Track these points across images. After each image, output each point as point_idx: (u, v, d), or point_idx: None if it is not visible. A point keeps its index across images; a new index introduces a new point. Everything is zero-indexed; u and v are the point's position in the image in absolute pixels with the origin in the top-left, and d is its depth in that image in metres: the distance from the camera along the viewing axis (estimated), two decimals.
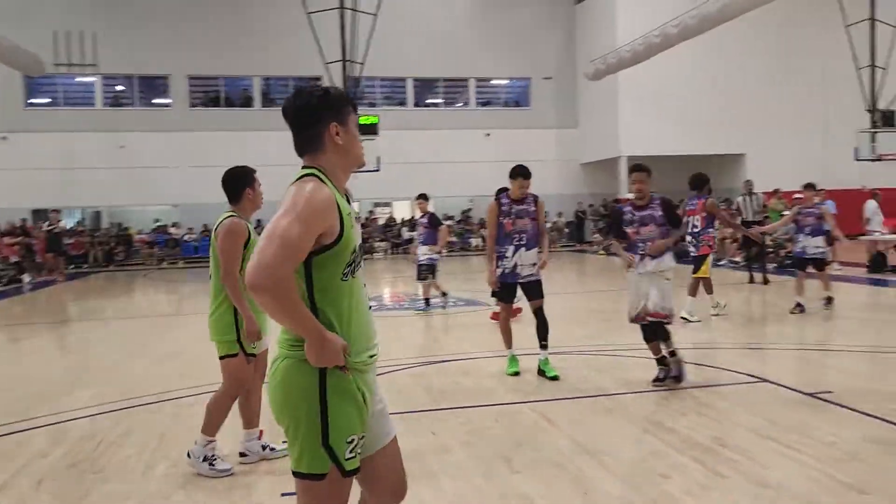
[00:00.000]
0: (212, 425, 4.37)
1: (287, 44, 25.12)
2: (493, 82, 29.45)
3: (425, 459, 4.48)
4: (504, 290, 6.62)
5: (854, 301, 11.23)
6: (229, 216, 4.31)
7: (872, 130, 22.58)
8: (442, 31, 27.16)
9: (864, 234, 14.94)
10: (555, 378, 6.35)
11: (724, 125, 24.90)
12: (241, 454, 4.60)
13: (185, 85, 26.80)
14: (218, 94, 27.74)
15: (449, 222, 22.32)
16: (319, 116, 2.35)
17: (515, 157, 27.04)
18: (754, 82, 25.25)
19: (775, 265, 15.52)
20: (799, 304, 9.67)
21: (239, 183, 4.36)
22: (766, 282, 13.21)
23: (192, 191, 24.77)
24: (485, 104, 29.09)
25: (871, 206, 14.79)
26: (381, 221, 27.79)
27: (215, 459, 4.37)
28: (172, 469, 4.55)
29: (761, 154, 24.96)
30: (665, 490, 3.95)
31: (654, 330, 6.03)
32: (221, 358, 4.39)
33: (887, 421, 4.99)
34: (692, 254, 9.64)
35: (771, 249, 15.90)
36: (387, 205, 29.45)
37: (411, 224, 24.13)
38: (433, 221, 11.13)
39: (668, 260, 6.08)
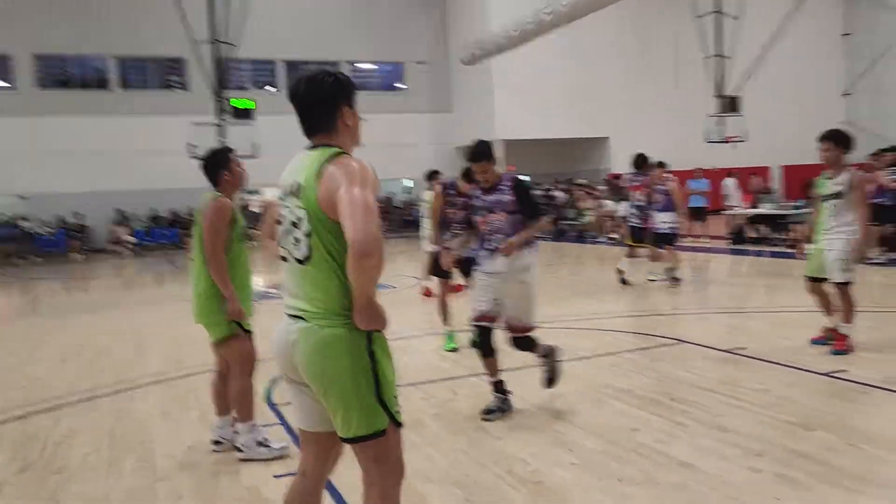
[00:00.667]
0: (246, 411, 4.26)
1: (147, 21, 23.71)
2: (366, 66, 29.30)
3: (404, 433, 4.56)
4: (458, 265, 6.45)
5: (726, 269, 12.34)
6: (217, 196, 4.24)
7: (720, 115, 24.55)
8: (312, 13, 26.68)
9: (724, 210, 16.34)
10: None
11: (589, 110, 26.22)
12: (215, 442, 4.47)
13: (30, 64, 24.62)
14: (68, 76, 25.71)
15: None
16: (334, 100, 2.48)
17: (390, 141, 27.32)
18: (615, 70, 26.73)
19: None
20: (674, 278, 10.27)
21: (214, 166, 4.30)
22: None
23: (42, 181, 22.89)
24: (358, 88, 28.88)
25: (729, 183, 16.18)
26: (256, 209, 26.99)
27: (268, 440, 4.30)
28: (142, 464, 4.36)
29: (623, 137, 26.50)
30: (639, 441, 4.28)
31: (519, 343, 4.96)
32: (220, 341, 4.27)
33: (800, 369, 5.63)
34: (638, 226, 10.49)
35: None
36: (256, 192, 28.61)
37: None
38: None
39: (527, 257, 4.82)
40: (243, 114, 21.66)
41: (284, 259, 2.51)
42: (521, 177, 5.35)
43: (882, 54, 26.68)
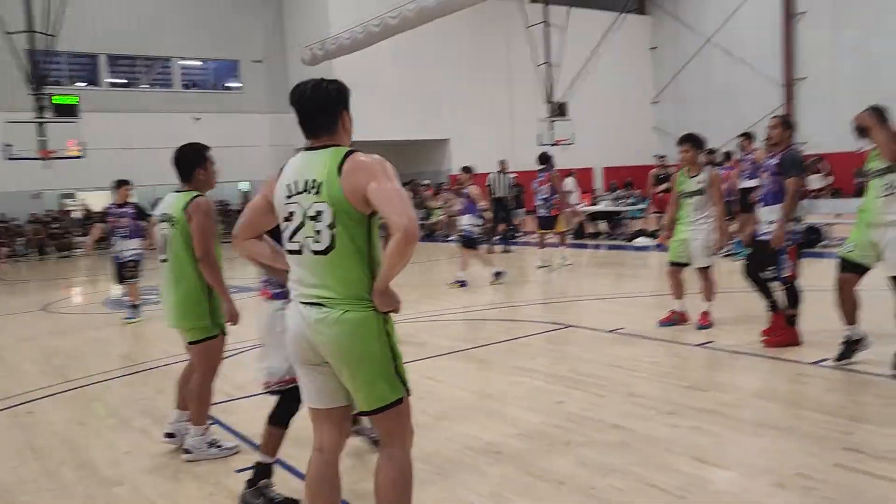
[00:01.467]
0: (202, 414, 4.23)
1: None
2: (201, 64, 28.14)
3: None
4: None
5: (577, 261, 13.42)
6: (197, 195, 4.16)
7: (550, 119, 26.30)
8: (139, 4, 25.23)
9: (565, 208, 17.61)
10: None
11: (430, 113, 27.00)
12: (169, 434, 4.42)
13: None
14: None
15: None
16: (336, 105, 2.72)
17: (228, 143, 26.45)
18: (454, 75, 27.73)
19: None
20: (497, 272, 10.69)
21: (190, 163, 4.21)
22: (491, 251, 15.11)
23: None
24: (192, 86, 27.69)
25: (569, 182, 17.47)
26: (77, 214, 25.04)
27: (219, 441, 4.28)
28: (85, 472, 4.19)
29: (462, 139, 27.61)
30: (569, 411, 4.78)
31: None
32: (196, 342, 4.22)
33: (679, 343, 6.45)
34: (545, 215, 12.20)
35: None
36: (71, 196, 26.51)
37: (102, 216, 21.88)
38: (139, 213, 9.42)
39: None
40: (66, 110, 20.12)
41: (296, 252, 2.68)
42: None
43: (682, 67, 29.86)
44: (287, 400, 3.49)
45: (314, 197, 2.60)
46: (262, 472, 3.54)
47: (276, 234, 2.86)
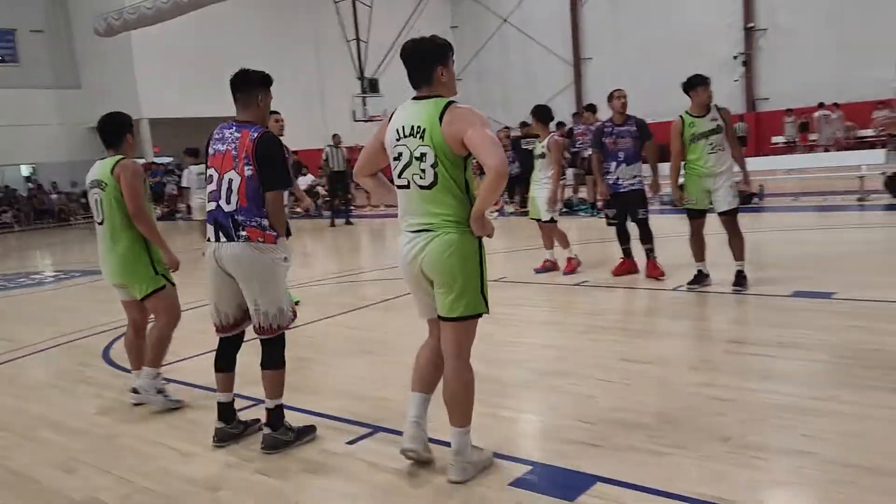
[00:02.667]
0: (158, 359, 4.36)
1: None
2: None
3: (311, 370, 4.97)
4: None
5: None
6: (121, 158, 4.28)
7: (363, 95, 26.63)
8: None
9: None
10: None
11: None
12: (134, 391, 4.41)
13: None
14: None
15: None
16: (433, 61, 3.09)
17: (9, 121, 23.78)
18: (259, 51, 26.92)
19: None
20: None
21: (121, 128, 4.34)
22: (333, 224, 15.38)
23: None
24: None
25: None
26: None
27: (167, 392, 4.35)
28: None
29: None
30: (507, 358, 5.33)
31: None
32: (147, 296, 4.33)
33: (559, 284, 7.26)
34: None
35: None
36: None
37: None
38: None
39: None
40: None
41: (404, 187, 3.10)
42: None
43: (483, 46, 31.55)
44: (279, 343, 3.62)
45: (419, 141, 3.02)
46: (276, 414, 3.63)
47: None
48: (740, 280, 6.21)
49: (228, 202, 3.48)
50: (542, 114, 7.69)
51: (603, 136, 7.22)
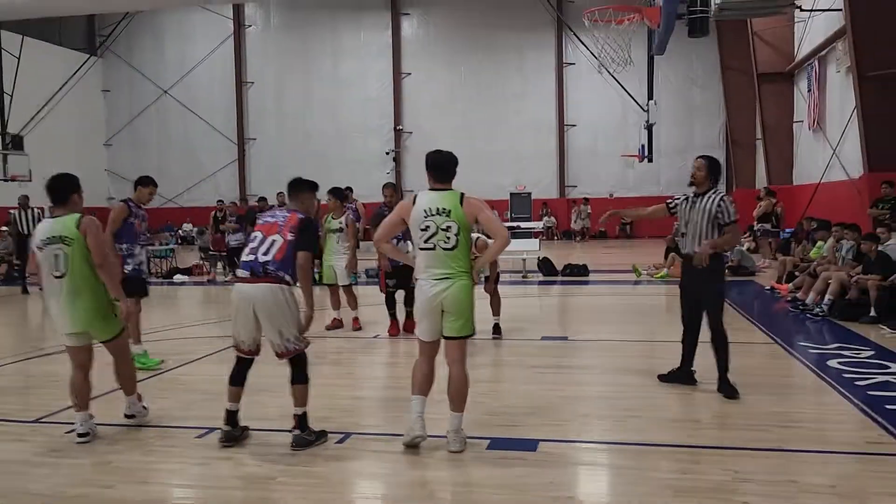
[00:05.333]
0: (133, 385, 5.09)
1: None
2: None
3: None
4: (138, 284, 6.72)
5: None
6: (81, 216, 4.72)
7: (4, 152, 23.73)
8: None
9: None
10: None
11: None
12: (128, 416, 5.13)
13: None
14: None
15: None
16: (454, 168, 4.64)
17: None
18: None
19: None
20: None
21: (67, 189, 4.78)
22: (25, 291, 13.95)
23: None
24: None
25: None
26: None
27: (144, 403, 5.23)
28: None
29: None
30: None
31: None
32: (113, 339, 4.85)
33: (358, 337, 8.40)
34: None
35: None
36: None
37: None
38: None
39: None
40: None
41: (429, 249, 4.39)
42: None
43: (139, 113, 30.54)
44: (303, 363, 4.64)
45: (445, 217, 4.40)
46: (303, 419, 4.60)
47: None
48: (497, 330, 8.22)
49: (266, 254, 4.49)
50: (339, 193, 8.93)
51: (382, 217, 8.63)
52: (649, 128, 20.58)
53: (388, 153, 29.11)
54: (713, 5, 15.13)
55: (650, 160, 21.50)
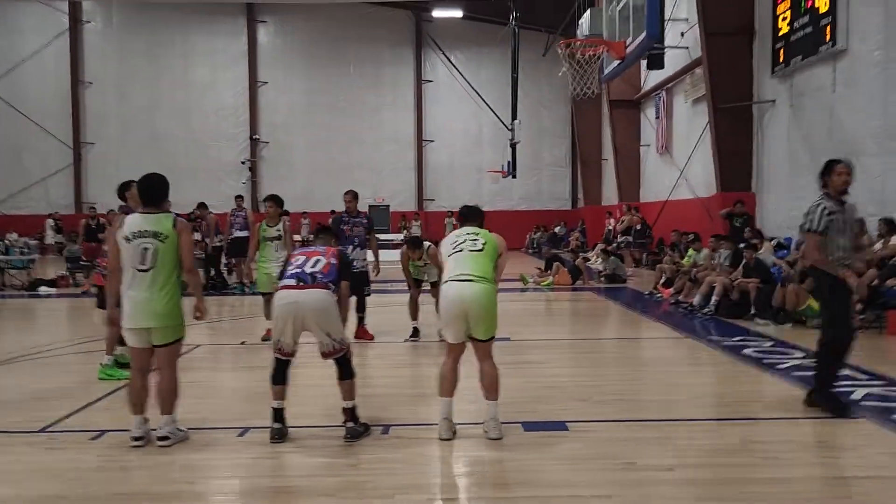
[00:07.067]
0: (174, 405, 4.77)
1: None
2: None
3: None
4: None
5: None
6: (176, 215, 4.77)
7: None
8: None
9: None
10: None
11: None
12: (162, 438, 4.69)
13: None
14: None
15: None
16: (483, 216, 5.35)
17: None
18: None
19: None
20: None
21: (164, 190, 4.81)
22: None
23: None
24: None
25: None
26: None
27: (180, 426, 4.86)
28: None
29: None
30: None
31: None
32: (169, 344, 4.68)
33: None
34: None
35: None
36: None
37: None
38: None
39: None
40: None
41: (458, 252, 4.91)
42: None
43: None
44: (348, 360, 4.86)
45: (475, 236, 5.04)
46: (353, 413, 4.82)
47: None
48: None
49: (313, 267, 4.83)
50: (279, 201, 8.83)
51: (341, 224, 8.77)
52: (513, 146, 21.89)
53: (243, 162, 28.33)
54: (581, 35, 16.68)
55: (514, 176, 22.82)
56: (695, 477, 4.11)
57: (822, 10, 11.63)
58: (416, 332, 8.60)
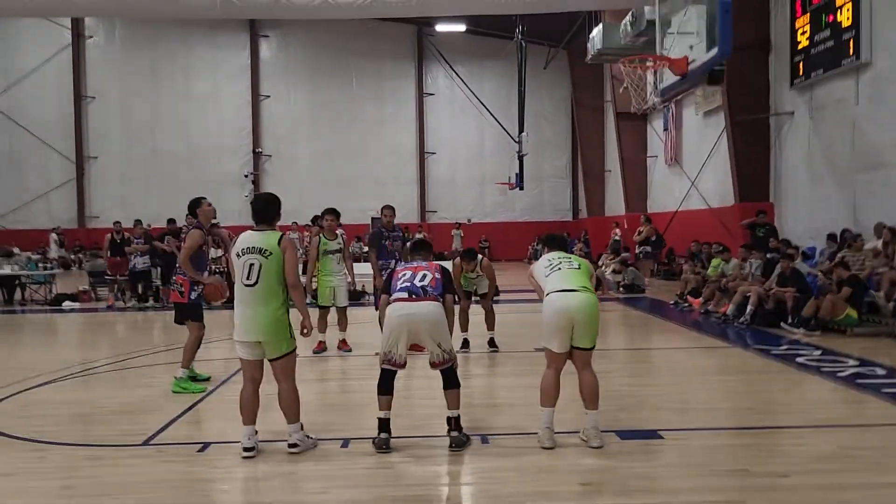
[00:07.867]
0: (298, 414, 4.89)
1: None
2: None
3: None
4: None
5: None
6: (283, 234, 4.89)
7: None
8: None
9: None
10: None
11: None
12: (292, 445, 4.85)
13: None
14: None
15: None
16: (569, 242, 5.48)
17: None
18: None
19: None
20: None
21: (276, 208, 4.96)
22: None
23: None
24: None
25: None
26: None
27: (309, 433, 5.00)
28: None
29: None
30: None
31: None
32: (284, 355, 4.81)
33: (358, 355, 8.43)
34: None
35: None
36: None
37: None
38: None
39: None
40: None
41: (558, 269, 5.09)
42: None
43: None
44: (454, 371, 4.98)
45: (573, 262, 5.24)
46: (457, 422, 4.91)
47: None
48: (493, 344, 8.70)
49: (422, 281, 4.98)
50: (338, 214, 8.86)
51: (382, 239, 8.85)
52: (521, 158, 22.05)
53: (246, 175, 28.29)
54: (594, 49, 16.91)
55: (521, 188, 22.98)
56: (811, 482, 4.21)
57: (846, 24, 11.91)
58: (465, 343, 8.67)
